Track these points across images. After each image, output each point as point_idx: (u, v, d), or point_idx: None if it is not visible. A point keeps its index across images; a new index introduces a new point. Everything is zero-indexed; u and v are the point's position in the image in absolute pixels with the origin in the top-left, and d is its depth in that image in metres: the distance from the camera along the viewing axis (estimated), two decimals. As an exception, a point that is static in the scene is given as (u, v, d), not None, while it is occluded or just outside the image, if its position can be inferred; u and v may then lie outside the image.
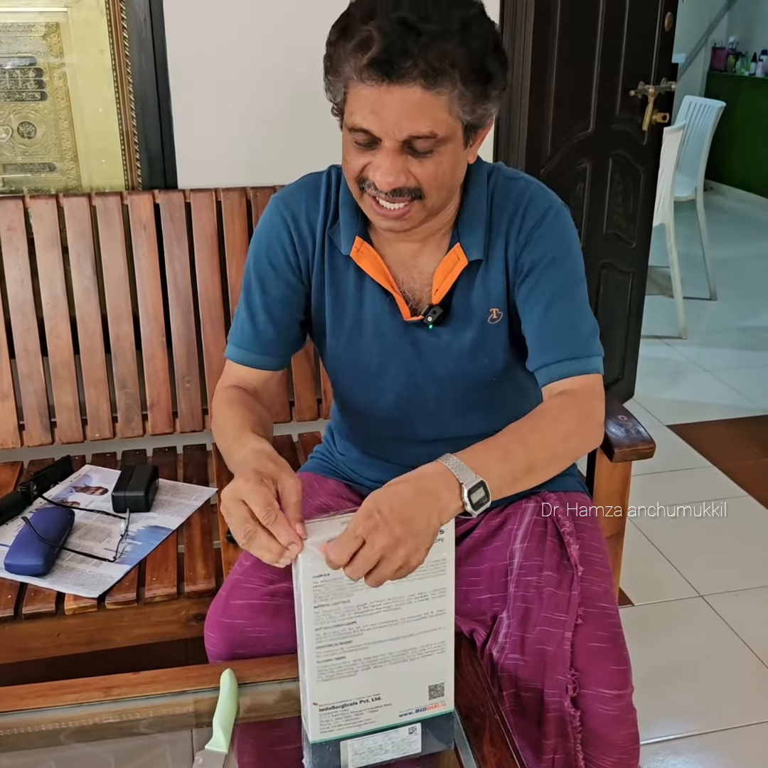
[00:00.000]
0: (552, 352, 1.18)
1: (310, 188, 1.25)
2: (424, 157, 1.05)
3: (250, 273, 1.27)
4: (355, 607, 0.95)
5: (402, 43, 0.96)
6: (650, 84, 2.71)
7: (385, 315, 1.24)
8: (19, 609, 1.44)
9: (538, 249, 1.18)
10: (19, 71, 1.81)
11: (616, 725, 1.16)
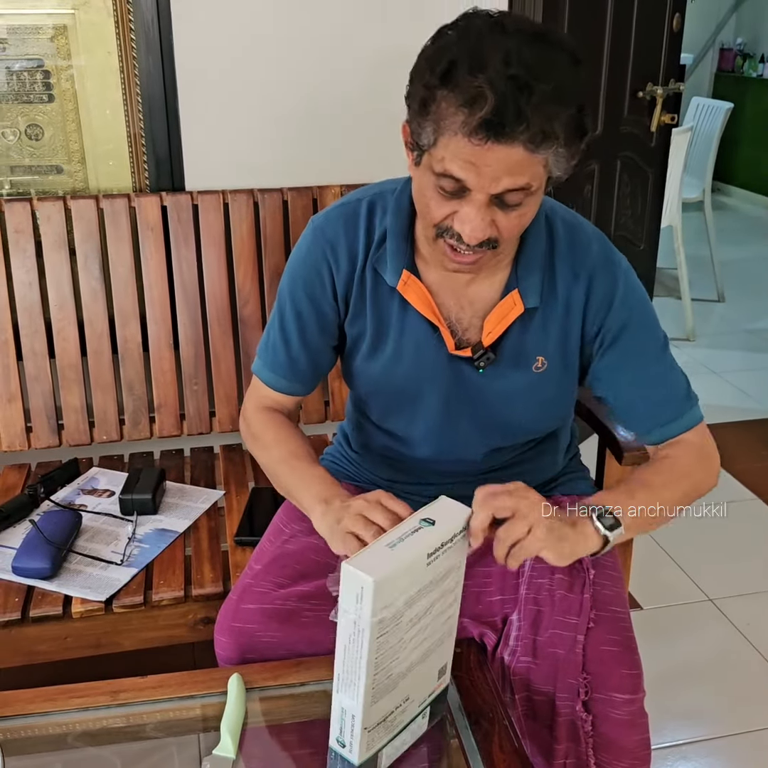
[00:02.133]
0: (661, 415, 1.22)
1: (349, 220, 1.21)
2: (512, 210, 1.02)
3: (285, 299, 1.26)
4: (404, 625, 0.93)
5: (515, 105, 0.92)
6: (658, 85, 2.70)
7: (429, 346, 1.21)
8: (27, 612, 1.44)
9: (621, 314, 1.18)
10: (26, 73, 1.81)
11: (627, 730, 1.15)
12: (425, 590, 0.94)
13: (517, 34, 0.96)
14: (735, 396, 3.33)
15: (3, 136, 1.85)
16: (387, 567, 0.89)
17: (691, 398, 1.25)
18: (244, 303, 1.86)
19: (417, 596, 0.93)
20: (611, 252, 1.21)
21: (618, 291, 1.18)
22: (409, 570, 0.91)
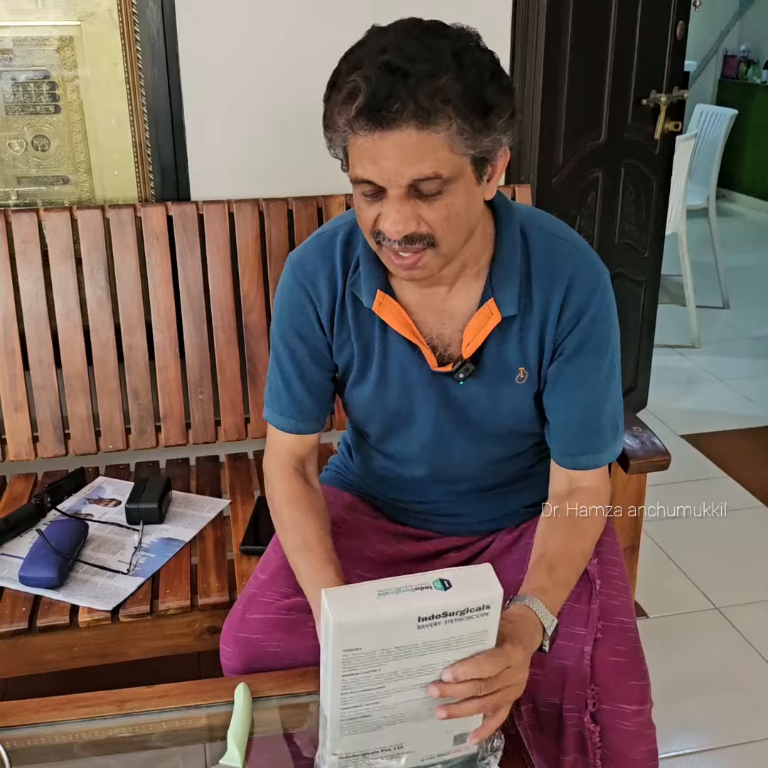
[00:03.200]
0: (581, 443, 1.20)
1: (325, 252, 1.21)
2: (433, 200, 1.00)
3: (278, 342, 1.26)
4: (385, 675, 0.91)
5: (388, 88, 0.93)
6: (662, 93, 2.70)
7: (412, 365, 1.20)
8: (34, 622, 1.44)
9: (585, 333, 1.15)
10: (33, 84, 1.82)
11: (635, 741, 1.15)
12: (416, 651, 0.90)
13: (398, 30, 0.97)
14: (740, 403, 3.32)
15: (10, 147, 1.86)
16: (357, 613, 0.86)
17: (617, 434, 1.23)
18: (249, 312, 1.86)
19: (401, 653, 0.89)
20: (593, 263, 1.17)
21: (590, 309, 1.15)
22: (386, 626, 0.87)
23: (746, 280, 4.57)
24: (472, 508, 1.33)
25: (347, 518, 1.36)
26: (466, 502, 1.33)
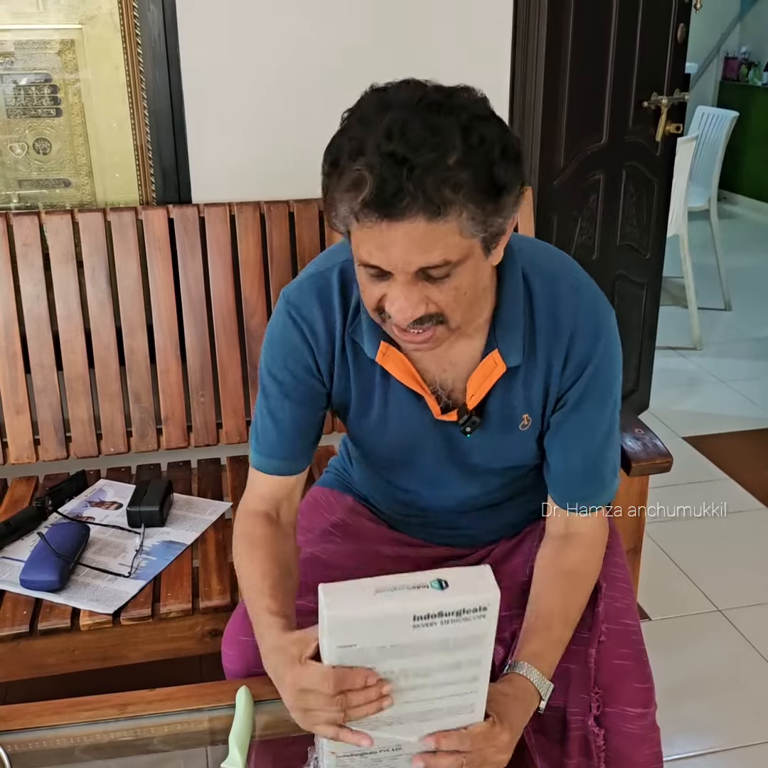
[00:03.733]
0: (581, 489, 1.19)
1: (322, 294, 1.15)
2: (442, 283, 0.97)
3: (267, 376, 1.20)
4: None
5: (395, 181, 0.88)
6: (663, 95, 2.70)
7: (414, 413, 1.18)
8: (35, 625, 1.44)
9: (588, 383, 1.14)
10: (34, 88, 1.83)
11: (639, 744, 1.14)
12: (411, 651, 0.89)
13: (401, 108, 0.92)
14: (742, 405, 3.32)
15: (11, 150, 1.86)
16: (352, 610, 0.86)
17: (615, 476, 1.22)
18: (251, 315, 1.86)
19: (397, 652, 0.89)
20: (596, 309, 1.14)
21: (594, 360, 1.13)
22: (381, 623, 0.87)
23: (748, 282, 4.57)
24: (473, 522, 1.33)
25: (348, 521, 1.36)
26: (466, 517, 1.32)
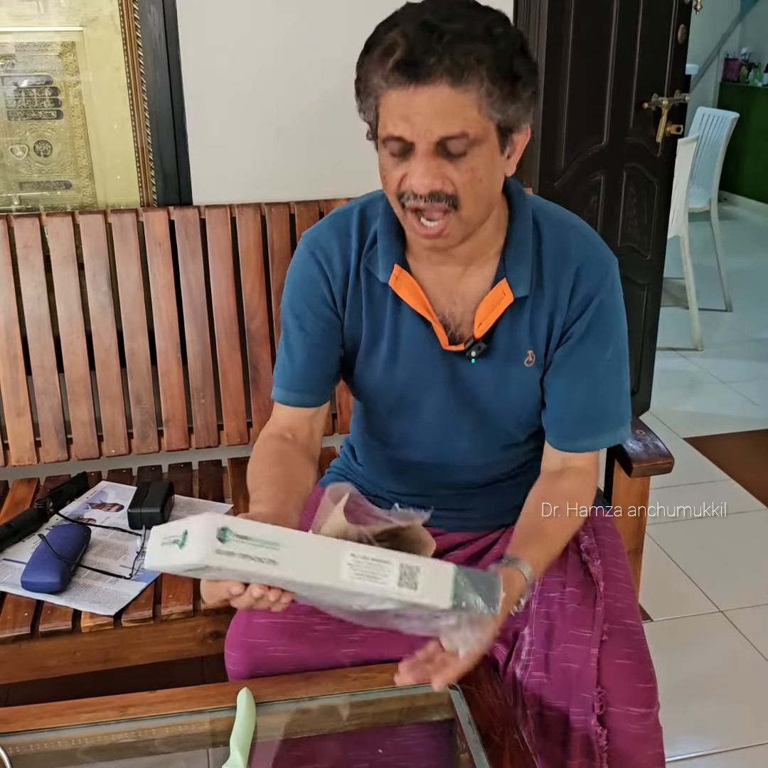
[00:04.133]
0: (581, 428, 1.23)
1: (341, 230, 1.23)
2: (459, 161, 1.03)
3: (287, 312, 1.27)
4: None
5: (425, 43, 0.97)
6: (663, 96, 2.70)
7: (423, 343, 1.22)
8: (36, 627, 1.44)
9: (592, 318, 1.18)
10: (35, 90, 1.83)
11: (642, 744, 1.14)
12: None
13: (432, 2, 1.02)
14: (743, 406, 3.32)
15: (12, 153, 1.86)
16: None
17: (622, 419, 1.25)
18: (252, 317, 1.86)
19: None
20: (602, 252, 1.21)
21: (599, 294, 1.18)
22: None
23: (748, 283, 4.56)
24: (474, 503, 1.34)
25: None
26: (467, 497, 1.34)
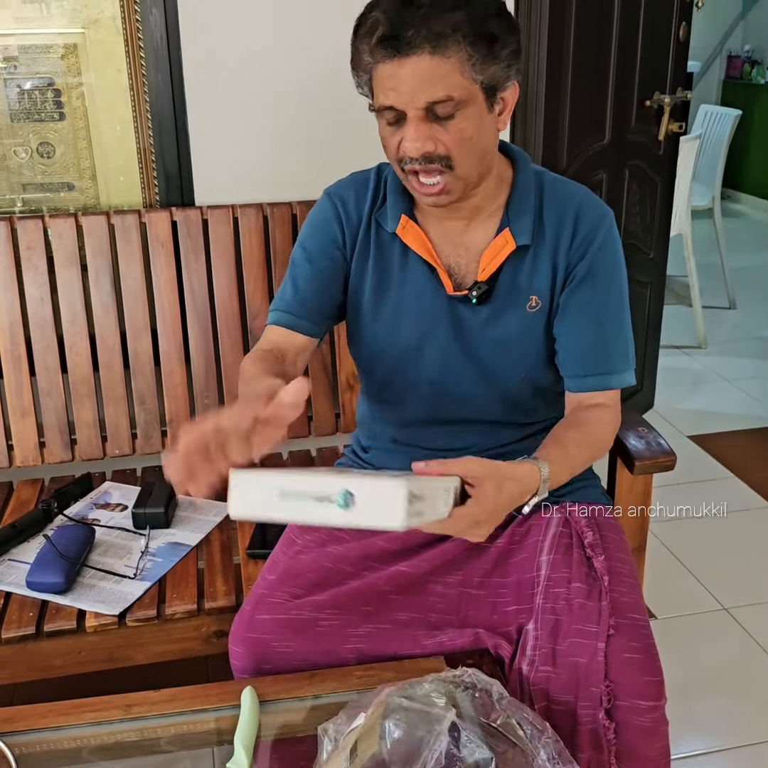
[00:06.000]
0: (591, 364, 1.28)
1: (359, 182, 1.34)
2: (448, 123, 1.11)
3: (298, 249, 1.34)
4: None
5: (403, 17, 1.06)
6: (666, 94, 2.70)
7: (428, 290, 1.28)
8: (41, 627, 1.45)
9: (593, 259, 1.25)
10: (37, 92, 1.83)
11: (649, 737, 1.14)
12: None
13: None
14: (747, 403, 3.31)
15: (15, 154, 1.87)
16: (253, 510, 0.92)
17: (628, 361, 1.29)
18: (254, 316, 1.86)
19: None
20: (599, 201, 1.29)
21: (599, 236, 1.25)
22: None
23: (752, 281, 4.56)
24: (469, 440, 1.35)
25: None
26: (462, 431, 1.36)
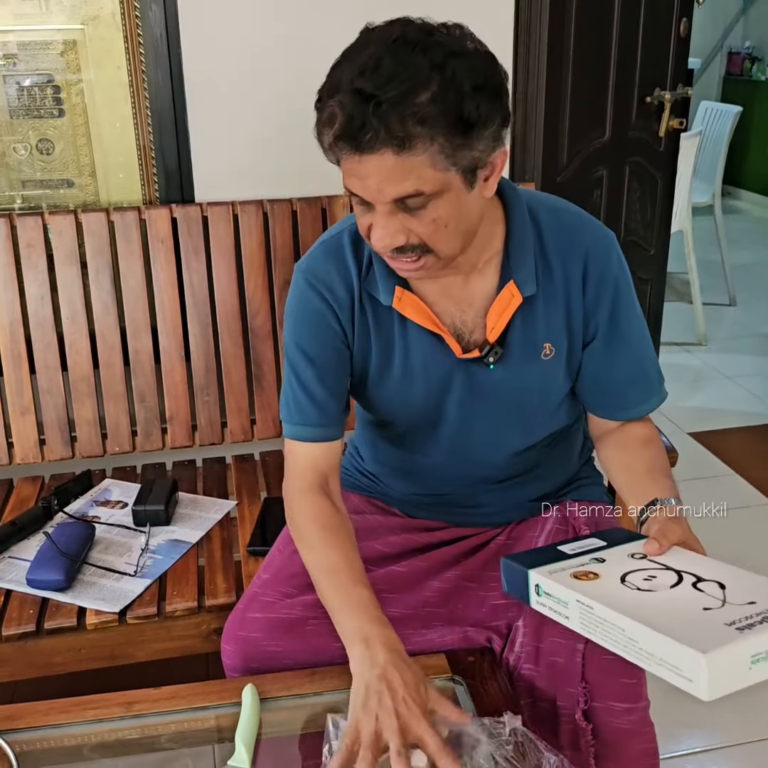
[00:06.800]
0: (634, 396, 1.26)
1: (334, 254, 1.21)
2: (420, 213, 1.01)
3: (294, 351, 1.23)
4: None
5: (361, 116, 0.94)
6: (666, 90, 2.69)
7: (435, 355, 1.21)
8: (41, 624, 1.45)
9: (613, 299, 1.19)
10: (37, 88, 1.83)
11: (629, 739, 1.14)
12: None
13: (379, 45, 0.96)
14: (747, 400, 3.31)
15: (14, 151, 1.86)
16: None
17: (662, 379, 1.28)
18: (255, 314, 1.86)
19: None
20: (601, 229, 1.22)
21: (611, 274, 1.19)
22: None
23: (752, 277, 4.55)
24: (487, 499, 1.34)
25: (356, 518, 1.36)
26: (479, 493, 1.33)
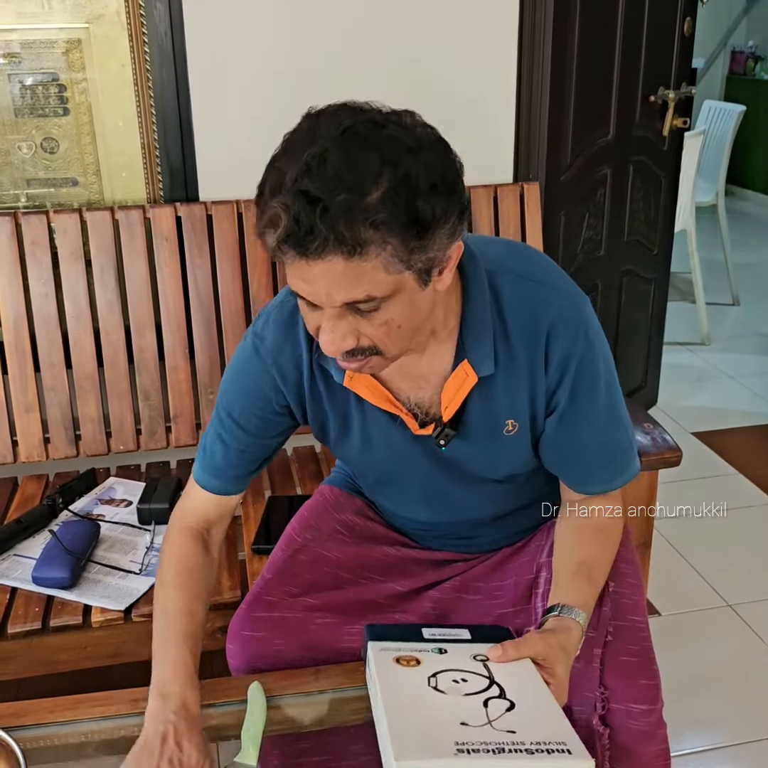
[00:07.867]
0: (598, 474, 1.19)
1: (286, 326, 1.14)
2: (371, 316, 0.94)
3: (223, 410, 1.19)
4: None
5: (307, 221, 0.85)
6: (670, 89, 2.70)
7: (394, 430, 1.16)
8: (47, 622, 1.45)
9: (575, 376, 1.10)
10: (41, 87, 1.83)
11: (645, 741, 1.14)
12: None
13: (325, 139, 0.89)
14: (750, 400, 3.31)
15: (19, 150, 1.87)
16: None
17: (632, 455, 1.20)
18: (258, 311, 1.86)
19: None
20: (571, 298, 1.10)
21: (575, 353, 1.08)
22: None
23: (756, 277, 4.55)
24: (480, 532, 1.32)
25: (357, 521, 1.36)
26: (474, 528, 1.32)
